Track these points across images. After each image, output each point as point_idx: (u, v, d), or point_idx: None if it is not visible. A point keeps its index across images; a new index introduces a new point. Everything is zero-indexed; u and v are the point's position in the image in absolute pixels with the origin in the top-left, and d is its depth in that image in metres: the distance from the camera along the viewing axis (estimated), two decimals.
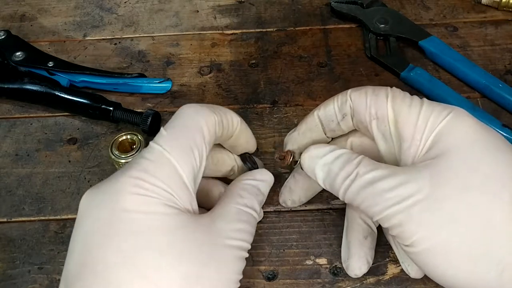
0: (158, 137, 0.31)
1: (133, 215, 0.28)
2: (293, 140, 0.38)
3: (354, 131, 0.36)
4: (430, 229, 0.28)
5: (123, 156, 0.40)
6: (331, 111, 0.35)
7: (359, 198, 0.31)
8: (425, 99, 0.32)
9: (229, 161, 0.38)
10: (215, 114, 0.33)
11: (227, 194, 0.34)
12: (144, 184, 0.28)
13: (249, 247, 0.32)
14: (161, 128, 0.32)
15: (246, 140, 0.38)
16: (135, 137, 0.41)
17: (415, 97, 0.33)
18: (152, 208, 0.28)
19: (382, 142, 0.34)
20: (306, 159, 0.34)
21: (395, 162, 0.33)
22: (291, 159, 0.37)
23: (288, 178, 0.39)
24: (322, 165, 0.33)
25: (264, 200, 0.36)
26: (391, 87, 0.34)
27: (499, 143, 0.30)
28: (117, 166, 0.41)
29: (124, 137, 0.41)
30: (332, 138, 0.38)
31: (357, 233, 0.36)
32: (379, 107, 0.33)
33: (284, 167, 0.42)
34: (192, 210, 0.30)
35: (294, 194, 0.39)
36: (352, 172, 0.31)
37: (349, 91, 0.34)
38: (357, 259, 0.35)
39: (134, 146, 0.41)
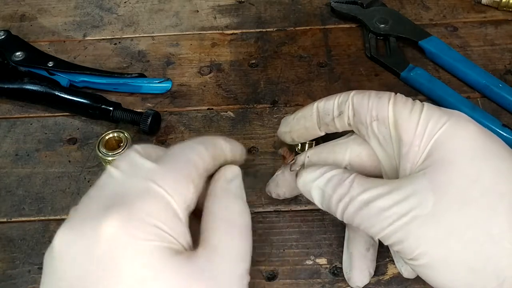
0: (143, 170, 0.28)
1: (124, 264, 0.25)
2: (287, 123, 0.38)
3: (353, 140, 0.36)
4: (430, 244, 0.28)
5: (110, 153, 0.40)
6: (330, 106, 0.35)
7: (356, 219, 0.31)
8: (425, 104, 0.32)
9: None
10: (207, 150, 0.31)
11: (210, 212, 0.30)
12: (133, 222, 0.25)
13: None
14: (147, 161, 0.28)
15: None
16: (121, 135, 0.41)
17: (417, 102, 0.32)
18: (144, 254, 0.25)
19: (381, 146, 0.33)
20: (300, 185, 0.34)
21: (394, 168, 0.33)
22: (290, 161, 0.37)
23: (278, 172, 0.39)
24: (317, 188, 0.33)
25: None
26: (395, 93, 0.33)
27: (500, 150, 0.30)
28: (104, 164, 0.42)
29: (110, 135, 0.41)
30: (328, 134, 0.37)
31: (359, 245, 0.35)
32: (380, 109, 0.32)
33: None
34: (187, 244, 0.28)
35: (280, 189, 0.38)
36: (344, 194, 0.31)
37: (353, 92, 0.34)
38: (359, 272, 0.35)
39: (121, 144, 0.41)
